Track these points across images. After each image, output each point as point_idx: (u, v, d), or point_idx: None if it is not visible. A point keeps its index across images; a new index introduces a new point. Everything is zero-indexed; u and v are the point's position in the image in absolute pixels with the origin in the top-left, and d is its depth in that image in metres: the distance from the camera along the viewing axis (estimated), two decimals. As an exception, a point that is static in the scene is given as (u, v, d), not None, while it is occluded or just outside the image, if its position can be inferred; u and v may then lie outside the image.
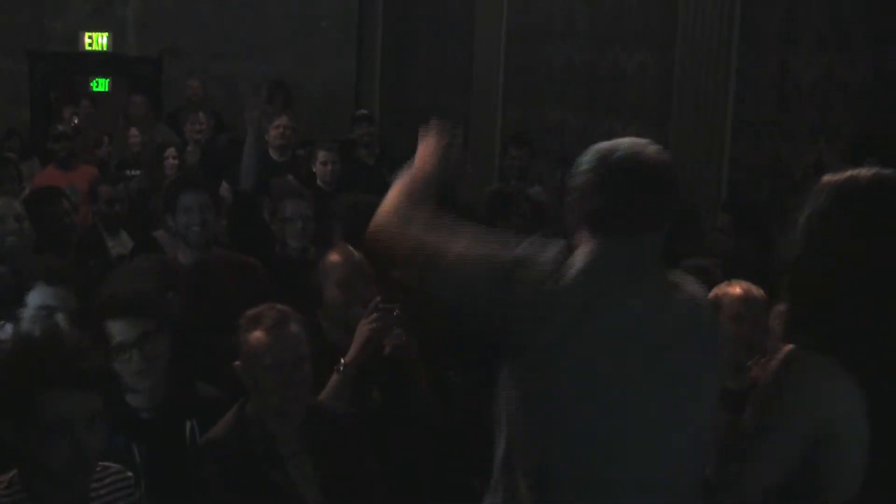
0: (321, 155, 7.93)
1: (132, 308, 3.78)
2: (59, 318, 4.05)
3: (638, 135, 3.13)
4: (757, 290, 4.25)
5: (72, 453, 2.84)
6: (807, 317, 2.86)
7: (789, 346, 2.82)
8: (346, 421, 3.81)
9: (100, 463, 3.02)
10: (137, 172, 9.09)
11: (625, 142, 2.91)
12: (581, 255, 2.83)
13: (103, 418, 2.90)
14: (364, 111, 11.24)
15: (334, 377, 4.15)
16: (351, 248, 4.58)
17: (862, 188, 2.87)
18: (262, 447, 3.55)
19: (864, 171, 2.91)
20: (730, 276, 4.52)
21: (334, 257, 4.56)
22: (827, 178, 2.92)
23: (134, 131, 10.46)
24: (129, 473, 3.18)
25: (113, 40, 13.85)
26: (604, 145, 2.90)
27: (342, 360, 4.17)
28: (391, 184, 3.11)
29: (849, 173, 2.91)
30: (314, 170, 7.97)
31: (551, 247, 2.84)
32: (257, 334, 3.62)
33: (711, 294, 4.02)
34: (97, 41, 13.80)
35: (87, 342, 3.06)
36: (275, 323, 3.63)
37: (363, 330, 4.21)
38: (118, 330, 3.72)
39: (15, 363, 2.92)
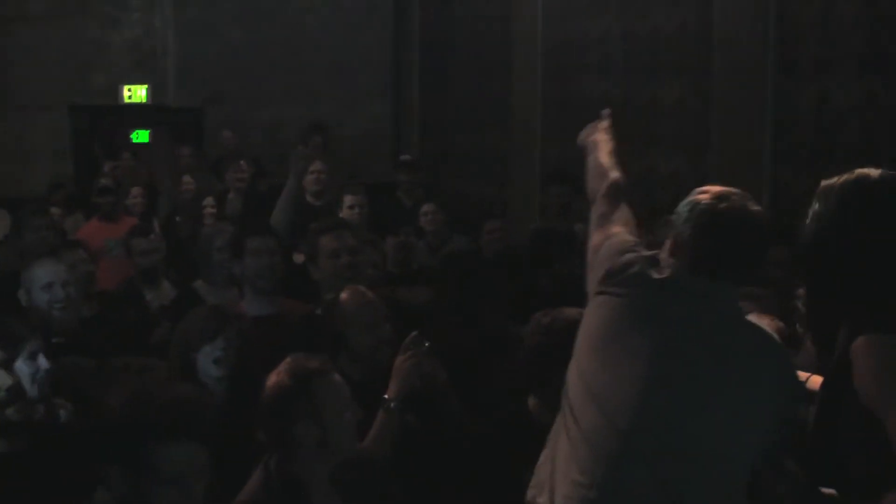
0: (347, 199, 7.83)
1: None
2: None
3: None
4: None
5: (179, 502, 2.96)
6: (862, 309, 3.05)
7: (860, 338, 2.97)
8: (370, 460, 3.82)
9: None
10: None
11: (726, 195, 3.27)
12: (673, 266, 3.29)
13: (208, 469, 2.99)
14: (407, 157, 11.27)
15: (381, 414, 4.17)
16: (364, 290, 4.63)
17: (870, 185, 3.12)
18: (294, 502, 3.50)
19: (872, 171, 3.16)
20: (784, 305, 4.57)
21: (354, 301, 4.55)
22: (829, 181, 3.20)
23: (188, 178, 10.53)
24: None
25: (153, 92, 13.99)
26: (704, 197, 3.28)
27: (387, 397, 4.21)
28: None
29: (857, 173, 3.16)
30: (341, 214, 7.93)
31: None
32: None
33: None
34: (136, 93, 13.95)
35: (200, 395, 3.18)
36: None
37: (403, 365, 4.26)
38: None
39: (132, 413, 3.01)
